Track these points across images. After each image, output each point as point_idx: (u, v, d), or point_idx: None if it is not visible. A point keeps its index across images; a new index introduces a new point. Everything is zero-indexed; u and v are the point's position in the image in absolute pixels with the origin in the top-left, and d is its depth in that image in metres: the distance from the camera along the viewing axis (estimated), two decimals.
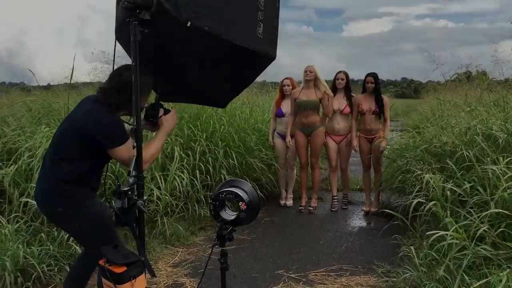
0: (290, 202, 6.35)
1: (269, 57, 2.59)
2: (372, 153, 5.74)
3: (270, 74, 14.40)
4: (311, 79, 5.74)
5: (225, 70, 2.62)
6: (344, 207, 6.19)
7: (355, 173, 7.45)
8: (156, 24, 2.34)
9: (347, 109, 5.85)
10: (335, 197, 6.20)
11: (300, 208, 6.07)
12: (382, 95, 5.68)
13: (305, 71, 5.78)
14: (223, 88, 2.79)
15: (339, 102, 5.88)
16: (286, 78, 6.29)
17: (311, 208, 6.02)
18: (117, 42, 2.66)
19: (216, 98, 2.92)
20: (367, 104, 5.67)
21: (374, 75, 5.66)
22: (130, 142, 2.47)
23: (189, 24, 2.28)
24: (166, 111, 2.67)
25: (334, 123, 5.94)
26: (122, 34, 2.53)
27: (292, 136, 6.00)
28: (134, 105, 2.30)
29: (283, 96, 6.26)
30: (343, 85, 5.91)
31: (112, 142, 2.40)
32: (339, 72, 6.00)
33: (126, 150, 2.43)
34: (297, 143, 5.99)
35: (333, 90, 5.93)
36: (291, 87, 6.16)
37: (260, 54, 2.52)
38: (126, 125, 2.54)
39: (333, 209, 6.06)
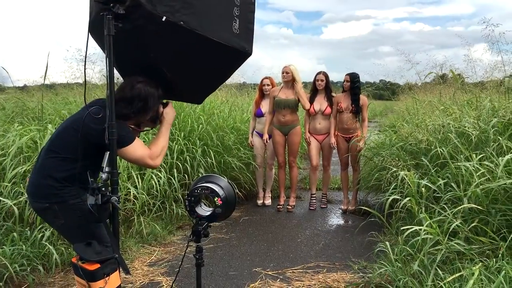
0: (268, 201, 6.37)
1: (245, 53, 2.59)
2: (349, 152, 5.78)
3: (250, 75, 14.45)
4: (289, 80, 5.80)
5: (200, 65, 2.61)
6: (323, 206, 6.22)
7: (333, 172, 7.50)
8: (130, 19, 2.32)
9: (328, 110, 5.90)
10: (314, 196, 6.24)
11: (278, 207, 6.08)
12: (360, 95, 5.74)
13: (282, 72, 5.85)
14: (199, 84, 2.77)
15: (320, 103, 5.94)
16: (266, 78, 6.30)
17: (289, 207, 6.05)
18: (91, 37, 2.62)
19: (192, 94, 2.89)
20: (345, 102, 5.73)
21: (351, 75, 5.73)
22: (139, 141, 2.47)
23: (164, 18, 2.27)
24: (164, 105, 2.66)
25: (315, 123, 5.99)
26: (95, 28, 2.49)
27: (270, 136, 6.02)
28: (109, 99, 2.27)
29: (262, 95, 6.28)
30: (323, 86, 5.94)
31: (119, 143, 2.36)
32: (319, 73, 6.03)
33: (134, 149, 2.43)
34: (274, 142, 6.00)
35: (314, 91, 6.01)
36: (270, 86, 6.18)
37: (236, 50, 2.52)
38: None
39: (311, 208, 6.10)
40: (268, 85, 6.20)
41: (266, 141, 6.00)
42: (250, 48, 2.60)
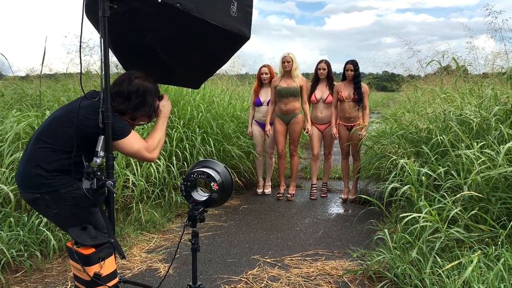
0: (268, 190, 6.33)
1: (243, 37, 2.55)
2: (350, 140, 5.73)
3: (253, 66, 14.41)
4: (290, 69, 5.75)
5: (197, 49, 2.57)
6: (323, 195, 6.18)
7: (334, 162, 7.48)
8: (126, 0, 2.28)
9: (330, 98, 5.84)
10: (315, 185, 6.19)
11: (278, 195, 6.05)
12: (361, 83, 5.64)
13: (283, 62, 5.77)
14: (196, 68, 2.74)
15: (322, 92, 5.90)
16: (264, 66, 6.20)
17: (289, 195, 6.02)
18: (87, 19, 2.59)
19: (189, 78, 2.87)
20: (346, 91, 5.64)
21: (353, 62, 5.62)
22: (135, 134, 2.45)
23: (160, 0, 2.23)
24: (160, 98, 2.63)
25: (317, 112, 5.95)
26: (91, 10, 2.46)
27: (271, 124, 5.97)
28: (104, 83, 2.24)
29: (261, 84, 6.21)
30: (325, 74, 5.90)
31: (115, 135, 2.33)
32: (321, 61, 5.96)
33: (130, 142, 2.40)
34: (275, 131, 5.96)
35: (315, 80, 5.96)
36: (269, 75, 6.10)
37: (234, 34, 2.47)
38: None
39: (312, 197, 6.05)
40: (266, 73, 6.11)
41: (269, 133, 5.95)
42: (248, 32, 2.56)
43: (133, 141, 2.41)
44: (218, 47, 2.61)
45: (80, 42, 2.37)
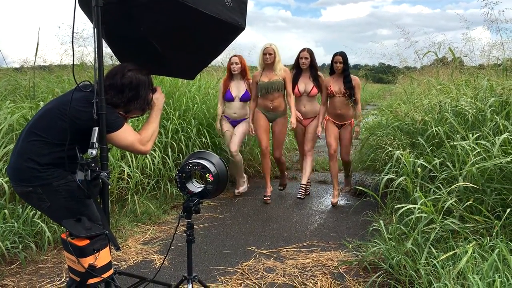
0: (244, 187, 5.81)
1: (238, 27, 2.53)
2: (340, 140, 5.37)
3: (248, 57, 14.37)
4: (272, 62, 5.17)
5: (192, 40, 2.55)
6: (299, 196, 5.45)
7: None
8: None
9: (314, 90, 5.34)
10: (303, 185, 5.54)
11: (265, 198, 5.44)
12: (351, 75, 5.20)
13: (264, 54, 5.15)
14: (191, 59, 2.72)
15: (305, 83, 5.36)
16: (235, 56, 5.53)
17: (266, 198, 5.46)
18: (80, 9, 2.56)
19: (183, 69, 2.84)
20: (336, 85, 5.18)
21: (342, 54, 5.14)
22: (128, 127, 2.43)
23: None
24: (153, 90, 2.61)
25: (300, 106, 5.41)
26: (85, 1, 2.43)
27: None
28: (98, 74, 2.22)
29: (231, 76, 5.53)
30: (307, 64, 5.32)
31: (108, 127, 2.31)
32: (302, 50, 5.35)
33: (124, 134, 2.38)
34: (258, 126, 5.35)
35: (297, 71, 5.41)
36: (239, 65, 5.42)
37: (228, 24, 2.45)
38: None
39: (299, 196, 5.45)
40: (236, 63, 5.41)
41: (252, 132, 5.38)
42: (243, 22, 2.53)
43: (126, 134, 2.39)
44: (213, 38, 2.59)
45: (73, 32, 2.35)
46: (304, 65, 5.34)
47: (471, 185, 3.15)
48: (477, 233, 3.04)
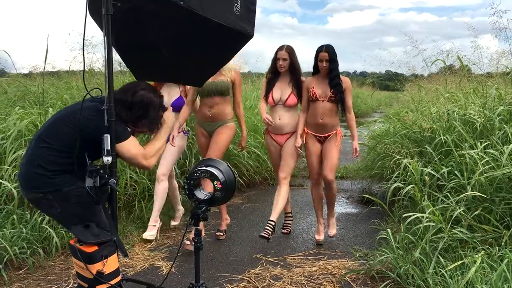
0: (175, 222, 4.64)
1: (247, 35, 2.54)
2: (323, 157, 4.11)
3: (255, 65, 14.42)
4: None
5: (201, 47, 2.57)
6: (263, 235, 3.90)
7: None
8: None
9: (293, 99, 4.16)
10: (271, 223, 4.02)
11: (218, 234, 4.37)
12: (341, 76, 4.04)
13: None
14: (200, 66, 2.73)
15: (282, 90, 4.19)
16: None
17: (220, 233, 4.37)
18: (90, 17, 2.58)
19: (192, 76, 2.86)
20: (319, 88, 4.02)
21: (328, 49, 3.96)
22: (134, 140, 2.45)
23: None
24: (164, 109, 2.64)
25: (275, 117, 4.19)
26: (95, 8, 2.45)
27: (185, 133, 4.47)
28: (108, 82, 2.24)
29: None
30: (285, 67, 4.16)
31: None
32: (280, 48, 4.19)
33: (128, 147, 2.39)
34: (199, 145, 4.44)
35: (273, 74, 4.28)
36: None
37: (237, 32, 2.47)
38: None
39: (263, 235, 3.91)
40: None
41: (173, 143, 4.03)
42: (251, 30, 2.55)
43: (131, 146, 2.41)
44: (221, 45, 2.60)
45: (83, 41, 2.37)
46: (282, 68, 4.16)
47: (480, 194, 3.13)
48: (485, 243, 3.02)
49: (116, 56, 2.98)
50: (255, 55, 15.46)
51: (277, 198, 4.16)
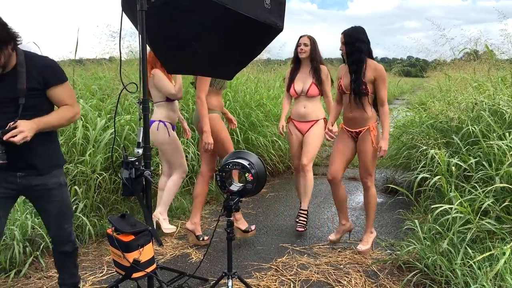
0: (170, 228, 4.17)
1: (277, 29, 2.57)
2: (359, 155, 3.71)
3: (274, 51, 14.42)
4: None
5: (232, 41, 2.61)
6: (299, 229, 4.17)
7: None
8: None
9: (314, 90, 4.21)
10: (304, 212, 4.30)
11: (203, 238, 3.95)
12: (369, 62, 3.53)
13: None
14: (230, 59, 2.78)
15: (303, 80, 4.25)
16: None
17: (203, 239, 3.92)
18: (123, 13, 2.65)
19: (223, 69, 2.92)
20: (346, 77, 3.65)
21: (346, 32, 3.57)
22: None
23: None
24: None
25: (299, 106, 4.31)
26: (128, 4, 2.51)
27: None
28: (142, 76, 2.31)
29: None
30: (307, 52, 4.22)
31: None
32: (302, 36, 4.30)
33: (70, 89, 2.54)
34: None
35: (295, 64, 4.38)
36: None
37: (267, 25, 2.50)
38: None
39: (299, 228, 4.18)
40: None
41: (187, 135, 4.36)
42: (281, 24, 2.58)
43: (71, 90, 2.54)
44: (252, 39, 2.64)
45: (120, 38, 2.43)
46: (303, 53, 4.23)
47: (508, 185, 3.12)
48: None
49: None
50: (278, 43, 15.46)
51: (304, 186, 4.27)
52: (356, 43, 3.51)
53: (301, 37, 4.30)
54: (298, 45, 4.28)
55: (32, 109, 2.34)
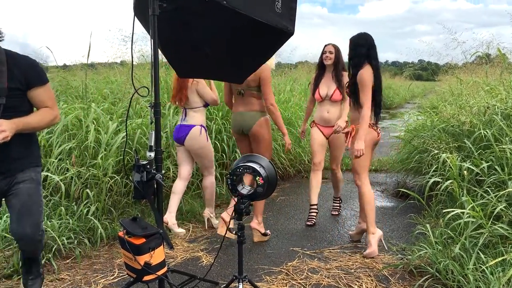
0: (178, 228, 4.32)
1: (288, 33, 2.58)
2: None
3: (285, 55, 14.41)
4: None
5: (242, 45, 2.62)
6: (334, 212, 5.01)
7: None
8: None
9: (337, 95, 4.49)
10: (314, 207, 4.69)
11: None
12: (361, 67, 3.66)
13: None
14: (241, 63, 2.79)
15: (328, 85, 4.56)
16: None
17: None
18: (135, 18, 2.67)
19: (233, 73, 2.93)
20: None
21: (351, 38, 3.82)
22: None
23: None
24: None
25: (323, 111, 4.62)
26: (140, 9, 2.54)
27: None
28: (153, 80, 2.33)
29: None
30: (332, 59, 4.52)
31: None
32: (327, 44, 4.63)
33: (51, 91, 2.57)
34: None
35: (320, 70, 4.66)
36: None
37: (278, 30, 2.50)
38: None
39: (308, 223, 4.61)
40: None
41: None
42: (292, 28, 2.58)
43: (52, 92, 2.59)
44: (263, 43, 2.65)
45: (132, 43, 2.45)
46: (328, 60, 4.51)
47: None
48: None
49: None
50: (289, 46, 15.48)
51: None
52: (357, 48, 3.73)
53: (326, 45, 4.62)
54: (323, 52, 4.59)
55: (12, 110, 2.34)
